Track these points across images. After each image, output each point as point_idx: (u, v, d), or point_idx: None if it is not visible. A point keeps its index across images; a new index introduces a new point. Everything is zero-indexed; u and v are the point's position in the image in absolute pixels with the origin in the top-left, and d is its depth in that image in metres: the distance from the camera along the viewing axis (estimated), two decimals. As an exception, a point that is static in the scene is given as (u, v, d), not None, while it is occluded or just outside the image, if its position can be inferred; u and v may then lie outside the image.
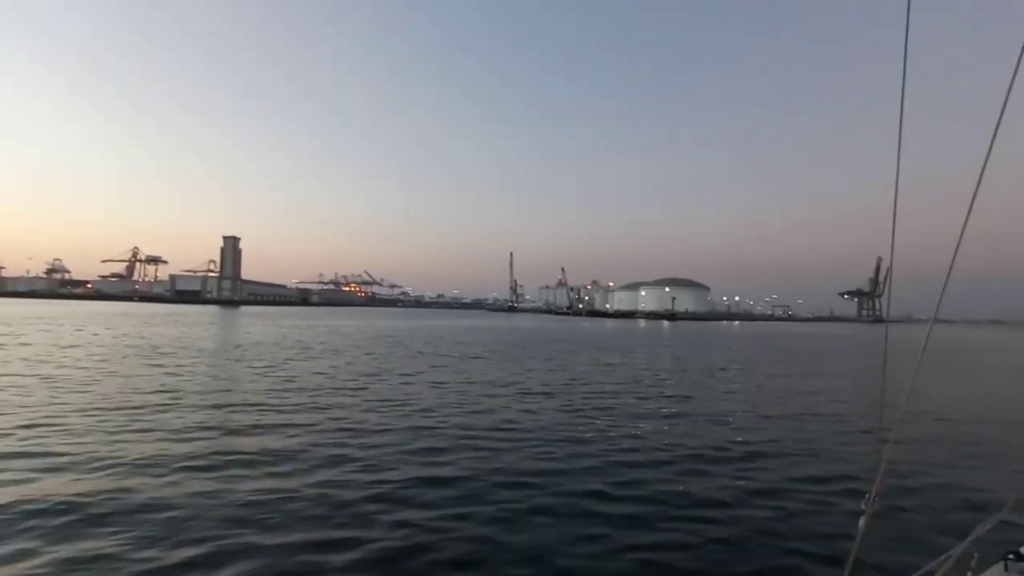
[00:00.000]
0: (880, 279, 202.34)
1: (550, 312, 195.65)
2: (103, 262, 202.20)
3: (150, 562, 4.65)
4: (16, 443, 7.99)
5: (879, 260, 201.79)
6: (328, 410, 11.24)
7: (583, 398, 13.99)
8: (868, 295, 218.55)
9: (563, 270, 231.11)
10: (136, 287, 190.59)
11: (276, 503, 6.02)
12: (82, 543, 4.92)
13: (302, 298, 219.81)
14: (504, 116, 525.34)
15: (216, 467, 7.26)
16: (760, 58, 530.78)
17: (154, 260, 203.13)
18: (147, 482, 6.56)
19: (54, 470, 6.87)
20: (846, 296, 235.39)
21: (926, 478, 7.61)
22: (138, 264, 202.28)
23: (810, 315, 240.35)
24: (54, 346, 22.39)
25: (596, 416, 11.64)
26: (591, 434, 9.94)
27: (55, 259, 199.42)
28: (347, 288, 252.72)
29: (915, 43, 1.99)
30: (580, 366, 22.15)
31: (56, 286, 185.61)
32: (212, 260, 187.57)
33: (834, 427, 11.36)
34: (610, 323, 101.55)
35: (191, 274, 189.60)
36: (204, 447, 8.15)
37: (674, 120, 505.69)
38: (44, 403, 10.83)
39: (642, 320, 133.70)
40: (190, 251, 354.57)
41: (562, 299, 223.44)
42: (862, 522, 2.10)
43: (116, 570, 4.53)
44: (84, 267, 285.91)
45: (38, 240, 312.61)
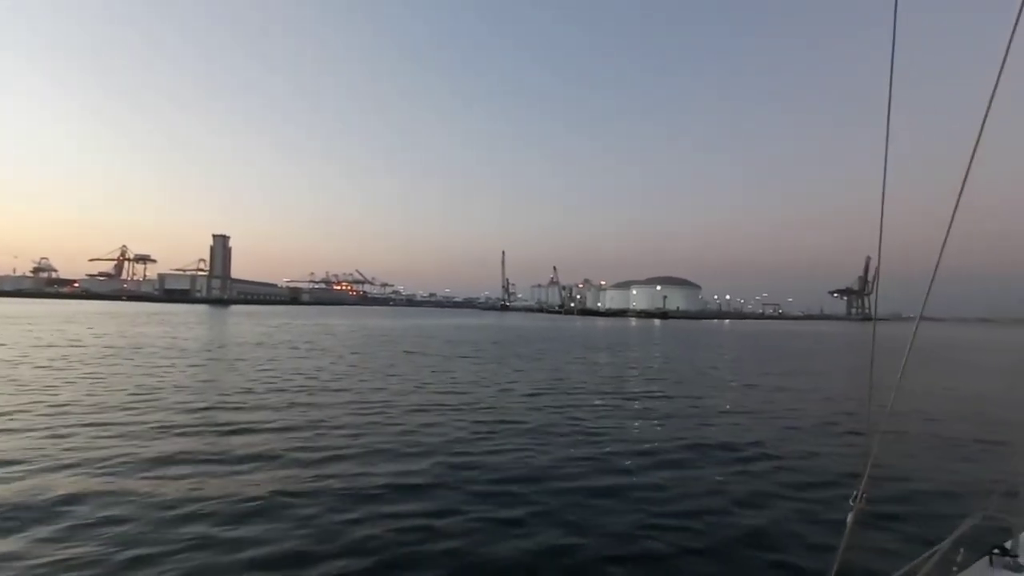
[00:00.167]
0: (869, 278, 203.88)
1: (542, 311, 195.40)
2: (91, 261, 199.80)
3: (95, 563, 4.45)
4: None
5: (868, 259, 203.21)
6: (303, 410, 11.02)
7: (568, 398, 13.87)
8: (857, 293, 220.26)
9: (555, 269, 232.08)
10: (124, 286, 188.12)
11: (227, 505, 5.82)
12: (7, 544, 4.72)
13: (293, 297, 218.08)
14: (496, 115, 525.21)
15: (172, 468, 7.11)
16: (751, 58, 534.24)
17: (143, 259, 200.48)
18: (95, 482, 6.36)
19: None
20: (836, 295, 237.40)
21: (913, 475, 7.67)
22: (126, 263, 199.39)
23: (800, 313, 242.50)
24: (32, 347, 21.97)
25: (580, 417, 11.46)
26: (573, 436, 9.77)
27: (42, 258, 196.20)
28: (338, 287, 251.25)
29: (902, 42, 2.00)
30: (569, 365, 22.06)
31: (43, 285, 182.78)
32: (202, 259, 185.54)
33: (821, 425, 11.32)
34: (601, 322, 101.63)
35: (180, 273, 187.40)
36: (164, 448, 7.94)
37: (666, 120, 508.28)
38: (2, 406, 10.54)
39: (633, 319, 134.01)
40: (179, 250, 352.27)
41: (554, 298, 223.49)
42: (850, 519, 2.12)
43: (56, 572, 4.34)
44: (72, 266, 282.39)
45: (25, 239, 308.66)
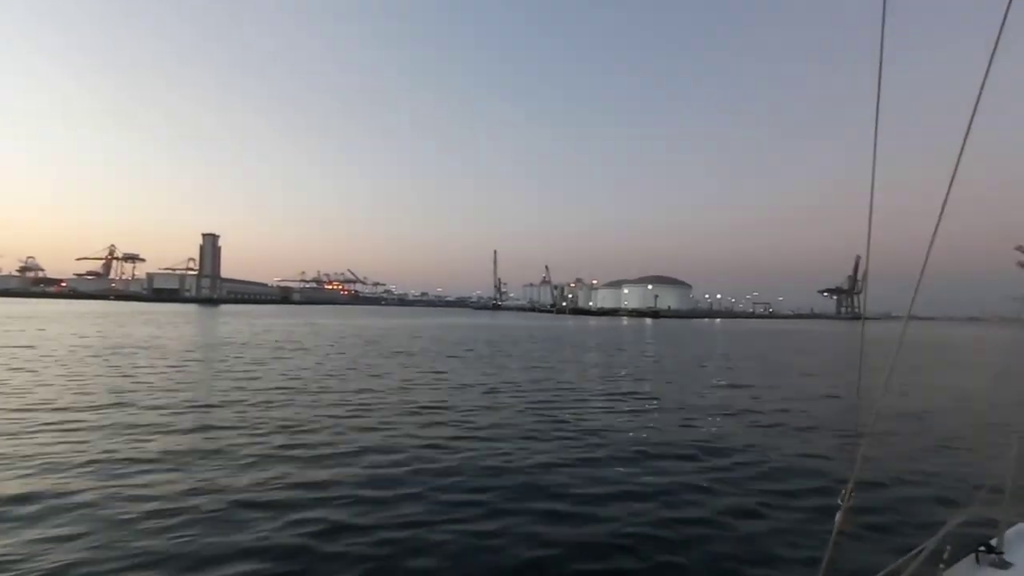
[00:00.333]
0: (859, 277, 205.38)
1: (534, 310, 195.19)
2: (78, 260, 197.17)
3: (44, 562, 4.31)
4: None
5: (858, 258, 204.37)
6: (277, 410, 10.79)
7: (553, 398, 13.73)
8: (847, 293, 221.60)
9: (547, 268, 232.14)
10: (112, 285, 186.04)
11: (189, 508, 5.63)
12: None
13: (283, 296, 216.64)
14: (488, 116, 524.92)
15: (132, 468, 7.01)
16: (740, 57, 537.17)
17: (131, 258, 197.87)
18: (50, 482, 6.22)
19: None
20: (825, 294, 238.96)
21: (901, 474, 7.70)
22: (115, 262, 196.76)
23: (790, 312, 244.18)
24: (5, 347, 21.54)
25: (564, 419, 11.21)
26: (556, 438, 9.59)
27: (28, 257, 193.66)
28: (329, 286, 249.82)
29: (891, 41, 1.97)
30: (557, 365, 21.94)
31: (29, 284, 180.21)
32: (191, 258, 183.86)
33: (809, 425, 11.29)
34: (593, 321, 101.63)
35: (169, 272, 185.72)
36: (128, 449, 7.76)
37: (657, 119, 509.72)
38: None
39: (625, 318, 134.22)
40: (169, 249, 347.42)
41: (546, 297, 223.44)
42: (838, 517, 2.12)
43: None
44: (59, 265, 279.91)
45: (11, 238, 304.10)
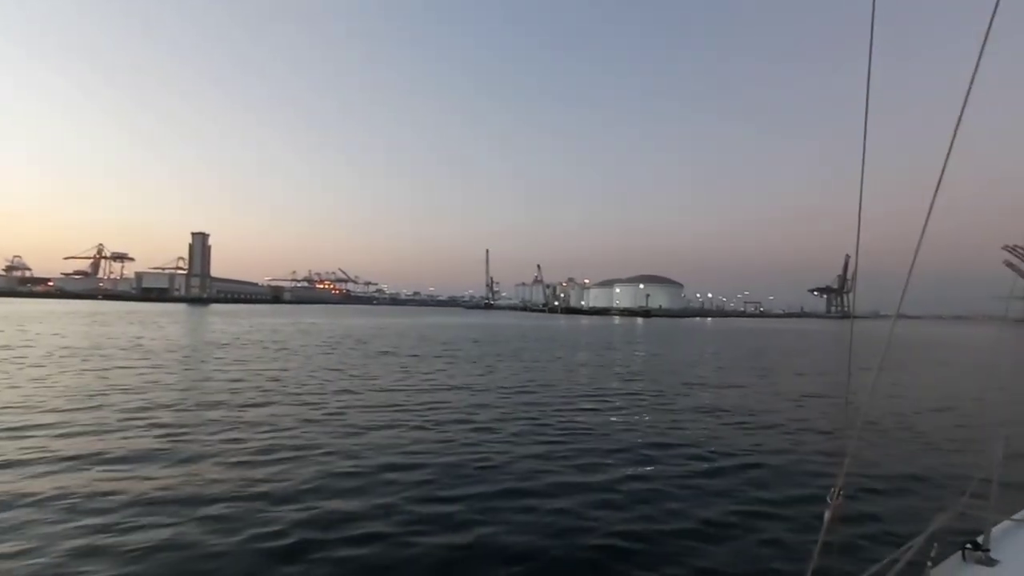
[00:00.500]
0: (848, 276, 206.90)
1: (526, 309, 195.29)
2: (66, 259, 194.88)
3: None
4: None
5: (847, 257, 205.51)
6: (245, 412, 10.62)
7: (541, 398, 13.60)
8: (837, 292, 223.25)
9: (539, 267, 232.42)
10: (100, 285, 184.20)
11: (124, 506, 5.50)
12: None
13: (274, 296, 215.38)
14: (481, 114, 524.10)
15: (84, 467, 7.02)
16: (730, 57, 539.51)
17: (120, 257, 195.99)
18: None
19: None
20: (815, 292, 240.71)
21: (889, 472, 7.74)
22: (103, 261, 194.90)
23: (781, 311, 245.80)
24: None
25: (548, 422, 10.92)
26: (541, 439, 9.39)
27: (15, 256, 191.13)
28: (321, 286, 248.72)
29: (881, 42, 1.97)
30: (545, 365, 21.82)
31: (15, 284, 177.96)
32: (181, 257, 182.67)
33: (798, 423, 11.30)
34: (585, 320, 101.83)
35: (159, 271, 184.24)
36: (88, 448, 7.72)
37: (648, 119, 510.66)
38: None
39: (617, 317, 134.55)
40: (159, 249, 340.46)
41: (538, 296, 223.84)
42: (827, 515, 2.12)
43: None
44: (46, 264, 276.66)
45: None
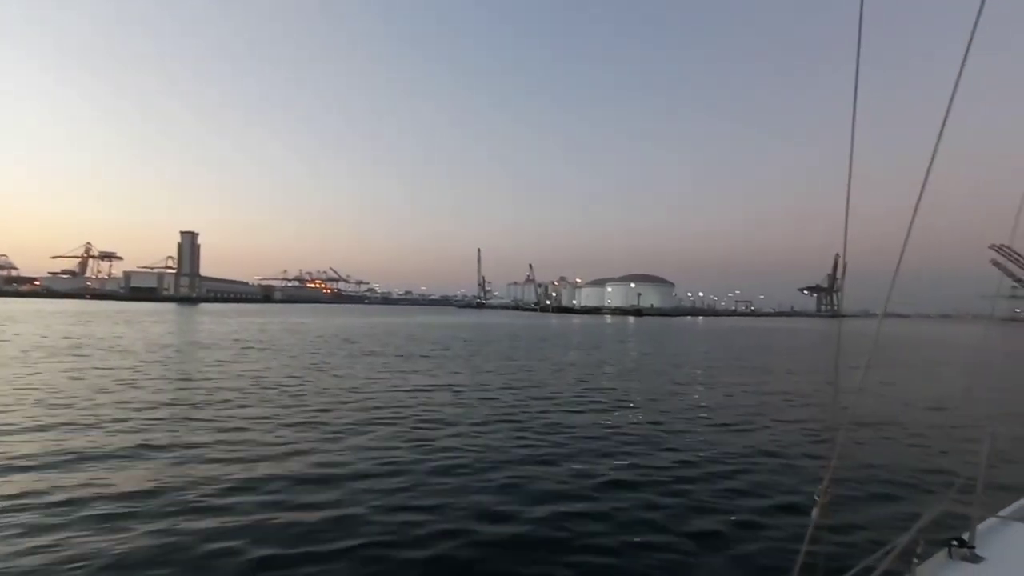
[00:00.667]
0: (838, 275, 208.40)
1: (518, 308, 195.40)
2: (53, 258, 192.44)
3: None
4: None
5: (837, 256, 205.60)
6: (224, 411, 10.56)
7: (530, 398, 13.57)
8: (826, 291, 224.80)
9: (531, 267, 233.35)
10: (88, 284, 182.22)
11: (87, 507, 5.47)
12: None
13: (265, 295, 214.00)
14: (473, 114, 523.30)
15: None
16: (719, 57, 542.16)
17: (108, 256, 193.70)
18: None
19: None
20: (806, 291, 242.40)
21: (875, 470, 7.80)
22: (91, 260, 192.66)
23: (772, 310, 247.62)
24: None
25: (531, 423, 10.77)
26: (520, 447, 9.14)
27: (1, 255, 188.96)
28: (312, 285, 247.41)
29: (869, 43, 1.96)
30: (534, 364, 21.83)
31: (1, 283, 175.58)
32: (170, 256, 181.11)
33: (786, 421, 11.37)
34: (577, 319, 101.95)
35: (147, 271, 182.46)
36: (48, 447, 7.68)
37: (639, 119, 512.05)
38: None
39: (608, 316, 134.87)
40: (147, 248, 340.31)
41: (530, 295, 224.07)
42: (814, 513, 2.12)
43: None
44: (33, 263, 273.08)
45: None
